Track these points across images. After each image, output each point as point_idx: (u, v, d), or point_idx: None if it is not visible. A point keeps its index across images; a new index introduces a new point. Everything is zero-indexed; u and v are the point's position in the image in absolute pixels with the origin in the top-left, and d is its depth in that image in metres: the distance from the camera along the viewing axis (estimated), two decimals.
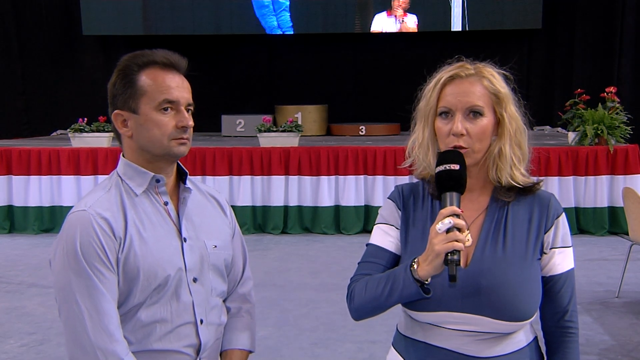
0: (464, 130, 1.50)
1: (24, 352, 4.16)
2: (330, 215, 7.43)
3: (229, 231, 1.79)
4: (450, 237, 1.39)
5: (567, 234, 1.59)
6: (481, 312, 1.49)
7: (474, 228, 1.56)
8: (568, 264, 1.58)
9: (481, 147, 1.53)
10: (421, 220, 1.62)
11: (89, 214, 1.54)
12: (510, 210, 1.57)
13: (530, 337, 1.59)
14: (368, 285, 1.57)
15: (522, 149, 1.57)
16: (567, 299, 1.57)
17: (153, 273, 1.56)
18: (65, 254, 1.53)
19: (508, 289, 1.48)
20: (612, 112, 7.17)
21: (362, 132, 9.81)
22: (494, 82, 1.54)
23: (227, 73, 10.99)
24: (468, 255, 1.54)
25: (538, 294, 1.53)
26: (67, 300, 1.53)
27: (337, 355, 4.07)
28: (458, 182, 1.47)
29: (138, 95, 1.58)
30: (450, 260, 1.39)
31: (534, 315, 1.53)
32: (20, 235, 7.56)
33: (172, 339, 1.60)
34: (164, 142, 1.59)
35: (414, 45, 10.64)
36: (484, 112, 1.52)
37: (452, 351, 1.53)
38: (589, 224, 7.25)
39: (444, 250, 1.39)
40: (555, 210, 1.58)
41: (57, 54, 11.08)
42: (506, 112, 1.54)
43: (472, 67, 1.56)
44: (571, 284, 1.59)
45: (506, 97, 1.55)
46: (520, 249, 1.53)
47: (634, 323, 4.54)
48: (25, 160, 7.62)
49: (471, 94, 1.52)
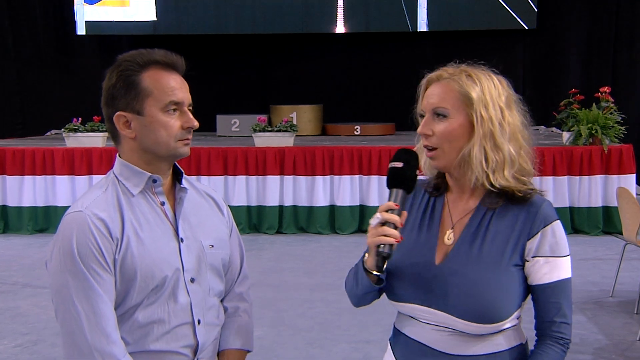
0: (427, 131, 1.55)
1: (18, 352, 4.15)
2: (325, 215, 7.43)
3: (226, 230, 1.78)
4: (378, 231, 1.47)
5: (557, 243, 1.53)
6: (446, 310, 1.52)
7: (457, 228, 1.59)
8: (558, 274, 1.53)
9: (451, 148, 1.54)
10: (415, 217, 1.66)
11: (86, 215, 1.54)
12: (496, 215, 1.56)
13: (514, 342, 1.57)
14: (349, 276, 1.68)
15: (503, 152, 1.52)
16: (555, 310, 1.53)
17: (150, 274, 1.56)
18: (62, 255, 1.52)
19: (474, 291, 1.50)
20: (606, 112, 7.19)
21: (357, 132, 9.81)
22: (464, 85, 1.53)
23: (222, 73, 10.98)
24: (445, 253, 1.57)
25: (510, 300, 1.50)
26: (64, 301, 1.52)
27: (332, 355, 4.07)
28: (399, 179, 1.53)
29: (143, 96, 1.57)
30: (378, 253, 1.48)
31: (503, 320, 1.50)
32: (14, 235, 7.53)
33: (170, 340, 1.60)
34: (170, 143, 1.59)
35: (410, 45, 10.65)
36: (448, 113, 1.54)
37: (425, 345, 1.57)
38: (583, 223, 7.27)
39: (372, 243, 1.49)
40: (544, 218, 1.53)
41: (52, 53, 11.05)
42: (477, 114, 1.52)
43: (452, 70, 1.57)
44: (561, 295, 1.53)
45: (479, 100, 1.52)
46: (496, 254, 1.52)
47: (627, 322, 4.55)
48: (20, 160, 7.59)
49: (437, 96, 1.55)
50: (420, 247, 1.61)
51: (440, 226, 1.62)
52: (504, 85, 1.59)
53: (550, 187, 7.17)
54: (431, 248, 1.60)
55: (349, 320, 4.60)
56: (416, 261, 1.59)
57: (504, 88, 1.58)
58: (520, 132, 1.57)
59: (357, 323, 4.53)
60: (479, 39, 10.38)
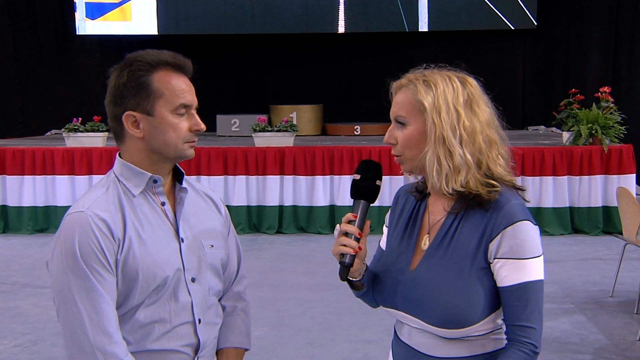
0: (390, 139, 1.59)
1: (18, 352, 4.15)
2: (325, 215, 7.44)
3: (224, 230, 1.80)
4: (339, 241, 1.55)
5: (519, 244, 1.47)
6: (418, 315, 1.55)
7: (432, 233, 1.60)
8: (519, 277, 1.48)
9: (412, 155, 1.56)
10: (402, 223, 1.69)
11: (87, 215, 1.54)
12: (464, 219, 1.55)
13: (495, 345, 1.55)
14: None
15: (455, 157, 1.50)
16: (518, 313, 1.48)
17: (152, 274, 1.57)
18: (64, 255, 1.52)
19: (439, 297, 1.51)
20: (606, 112, 7.19)
21: (357, 131, 9.82)
22: (418, 92, 1.53)
23: (222, 73, 10.98)
24: (420, 259, 1.59)
25: (476, 304, 1.49)
26: (65, 301, 1.52)
27: (332, 355, 4.07)
28: (357, 191, 1.59)
29: (154, 97, 1.58)
30: (340, 262, 1.55)
31: (474, 324, 1.49)
32: (14, 235, 7.54)
33: (171, 339, 1.61)
34: (178, 144, 1.61)
35: (409, 45, 10.65)
36: (406, 121, 1.55)
37: (413, 349, 1.61)
38: (584, 223, 7.26)
39: (334, 253, 1.55)
40: (505, 219, 1.48)
41: (52, 53, 11.06)
42: (430, 120, 1.51)
43: (412, 76, 1.58)
44: (524, 299, 1.48)
45: (432, 106, 1.51)
46: (461, 258, 1.52)
47: (627, 322, 4.55)
48: (20, 160, 7.60)
49: (397, 104, 1.58)
50: (401, 252, 1.64)
51: (420, 231, 1.64)
52: (469, 86, 1.56)
53: (550, 187, 7.18)
54: (409, 254, 1.62)
55: (349, 320, 4.60)
56: (395, 267, 1.62)
57: (466, 89, 1.55)
58: (482, 134, 1.53)
59: (357, 323, 4.53)
60: (479, 39, 10.39)
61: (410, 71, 1.61)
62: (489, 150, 1.54)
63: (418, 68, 1.61)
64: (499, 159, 1.55)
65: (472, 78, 1.59)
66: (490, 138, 1.55)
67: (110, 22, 10.67)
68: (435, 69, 1.59)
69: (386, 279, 1.63)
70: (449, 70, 1.59)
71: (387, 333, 1.79)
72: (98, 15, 10.61)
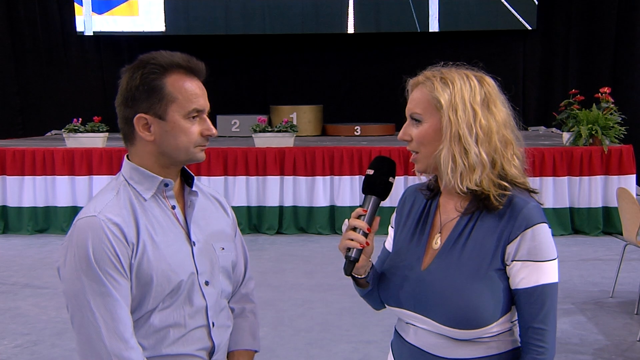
0: (405, 136, 1.58)
1: (18, 352, 4.15)
2: (325, 216, 7.44)
3: (232, 232, 1.79)
4: (346, 236, 1.54)
5: (537, 247, 1.48)
6: (429, 315, 1.54)
7: (444, 232, 1.59)
8: (537, 279, 1.48)
9: (427, 152, 1.55)
10: (412, 221, 1.67)
11: (100, 220, 1.51)
12: (479, 219, 1.54)
13: (508, 346, 1.55)
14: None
15: (470, 155, 1.50)
16: (533, 315, 1.49)
17: (166, 278, 1.55)
18: (77, 260, 1.50)
19: (453, 297, 1.50)
20: (606, 112, 7.19)
21: (357, 132, 9.82)
22: (435, 89, 1.53)
23: (222, 73, 10.98)
24: (432, 258, 1.58)
25: (490, 305, 1.49)
26: (80, 308, 1.50)
27: (332, 355, 4.07)
28: (370, 186, 1.58)
29: (167, 101, 1.56)
30: (345, 257, 1.55)
31: (487, 325, 1.49)
32: (14, 235, 7.53)
33: (186, 343, 1.60)
34: (190, 149, 1.59)
35: (409, 46, 10.65)
36: (422, 118, 1.55)
37: (419, 349, 1.59)
38: (584, 224, 7.26)
39: (341, 247, 1.55)
40: (524, 221, 1.49)
41: (52, 53, 11.05)
42: (446, 117, 1.51)
43: (429, 73, 1.58)
44: (540, 301, 1.49)
45: (448, 104, 1.51)
46: (476, 259, 1.51)
47: (628, 323, 4.55)
48: (20, 161, 7.59)
49: (413, 101, 1.57)
50: (411, 251, 1.62)
51: (431, 230, 1.63)
52: (486, 85, 1.56)
53: (550, 187, 7.18)
54: (420, 253, 1.61)
55: (349, 320, 4.60)
56: (405, 265, 1.61)
57: (484, 88, 1.55)
58: (498, 134, 1.53)
59: (357, 323, 4.53)
60: (481, 39, 10.38)
61: (428, 69, 1.60)
62: (504, 150, 1.54)
63: (435, 66, 1.60)
64: (514, 159, 1.55)
65: (489, 77, 1.59)
66: (506, 138, 1.54)
67: (117, 16, 10.65)
68: (453, 67, 1.59)
69: (394, 276, 1.62)
70: (466, 68, 1.59)
71: (387, 334, 1.79)
72: (105, 10, 10.61)
